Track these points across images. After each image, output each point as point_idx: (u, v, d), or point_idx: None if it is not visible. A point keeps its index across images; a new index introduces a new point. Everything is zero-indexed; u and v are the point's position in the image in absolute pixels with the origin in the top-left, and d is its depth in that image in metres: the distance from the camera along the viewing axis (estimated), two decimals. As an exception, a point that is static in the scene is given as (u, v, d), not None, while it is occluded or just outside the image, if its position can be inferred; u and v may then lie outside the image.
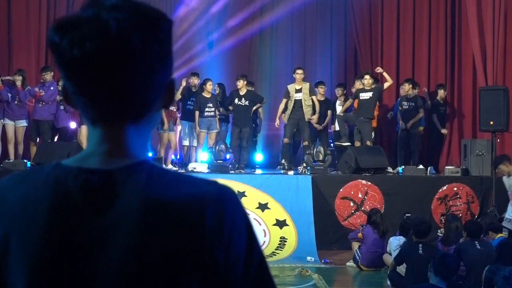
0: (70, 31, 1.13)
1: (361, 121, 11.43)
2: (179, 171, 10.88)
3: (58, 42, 1.13)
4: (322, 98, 12.31)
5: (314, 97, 11.65)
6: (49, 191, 1.14)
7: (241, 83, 11.73)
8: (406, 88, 11.99)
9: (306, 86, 11.62)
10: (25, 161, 10.99)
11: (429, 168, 11.28)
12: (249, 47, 15.14)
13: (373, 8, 14.05)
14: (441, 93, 12.35)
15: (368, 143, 11.34)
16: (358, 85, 11.95)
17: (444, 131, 12.15)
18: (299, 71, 11.59)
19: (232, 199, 1.17)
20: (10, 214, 1.15)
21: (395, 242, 7.95)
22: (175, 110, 11.83)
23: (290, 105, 11.50)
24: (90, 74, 1.13)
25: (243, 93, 11.72)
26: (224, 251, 1.13)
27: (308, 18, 15.17)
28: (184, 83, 11.98)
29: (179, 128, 12.28)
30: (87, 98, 1.16)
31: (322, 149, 11.00)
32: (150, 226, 1.10)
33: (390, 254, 7.96)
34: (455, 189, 10.44)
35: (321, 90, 12.30)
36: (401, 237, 7.92)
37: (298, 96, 11.49)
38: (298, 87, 11.55)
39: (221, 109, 12.10)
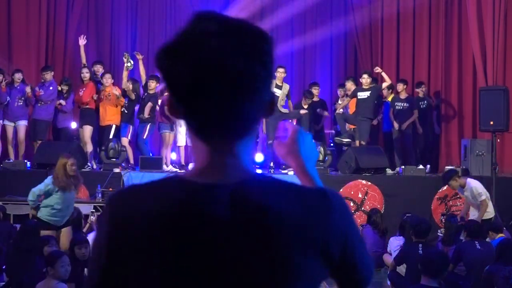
0: (180, 57, 1.21)
1: (359, 120, 11.44)
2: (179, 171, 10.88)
3: (168, 67, 1.22)
4: (317, 99, 12.35)
5: (290, 102, 11.77)
6: (181, 205, 1.22)
7: None
8: (399, 89, 11.97)
9: (286, 86, 11.63)
10: (26, 161, 10.98)
11: (427, 166, 11.29)
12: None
13: (373, 8, 14.04)
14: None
15: (363, 142, 11.35)
16: (349, 85, 11.97)
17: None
18: (281, 70, 11.59)
19: (344, 205, 1.31)
20: (142, 226, 1.22)
21: (395, 242, 7.95)
22: None
23: None
24: (201, 96, 1.21)
25: None
26: (340, 248, 1.27)
27: (308, 18, 15.17)
28: None
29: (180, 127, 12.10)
30: (197, 117, 1.24)
31: (322, 149, 11.00)
32: (279, 238, 1.21)
33: (390, 254, 7.96)
34: (455, 189, 10.44)
35: (315, 91, 12.34)
36: (401, 237, 7.92)
37: (277, 92, 11.42)
38: (279, 84, 11.55)
39: None
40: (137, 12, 14.59)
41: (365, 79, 11.48)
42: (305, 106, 12.31)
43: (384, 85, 11.60)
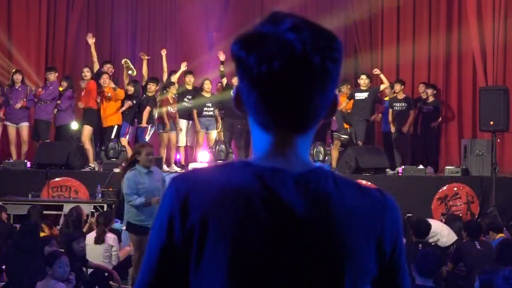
0: (257, 48, 1.24)
1: (356, 120, 11.45)
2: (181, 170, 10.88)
3: (244, 57, 1.25)
4: None
5: None
6: (249, 187, 1.24)
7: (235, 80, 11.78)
8: (397, 89, 11.94)
9: None
10: (26, 161, 10.98)
11: (429, 168, 11.29)
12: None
13: (373, 8, 14.04)
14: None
15: (359, 143, 11.36)
16: (345, 90, 12.06)
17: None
18: None
19: (397, 207, 1.36)
20: (209, 201, 1.23)
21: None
22: (174, 111, 11.70)
23: None
24: (274, 87, 1.24)
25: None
26: (391, 247, 1.31)
27: (308, 18, 15.15)
28: (183, 67, 11.96)
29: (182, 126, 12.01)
30: (267, 107, 1.26)
31: (322, 149, 11.00)
32: (346, 228, 1.26)
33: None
34: (455, 189, 10.44)
35: None
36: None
37: None
38: None
39: (222, 111, 12.02)
40: (137, 12, 14.59)
41: (363, 80, 11.51)
42: None
43: (382, 86, 11.61)
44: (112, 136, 11.30)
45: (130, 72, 11.68)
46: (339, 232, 1.25)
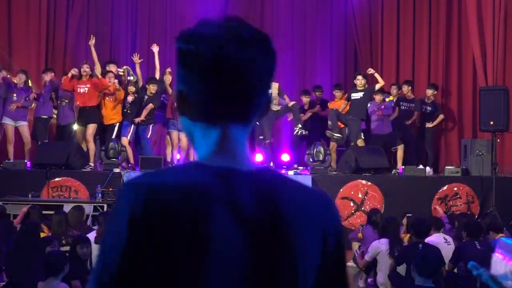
0: (205, 38, 1.28)
1: (351, 120, 11.47)
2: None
3: (194, 49, 1.28)
4: (318, 101, 12.48)
5: (286, 97, 11.83)
6: (202, 187, 1.25)
7: None
8: (404, 90, 12.01)
9: (275, 85, 11.63)
10: (26, 161, 10.98)
11: (427, 168, 11.29)
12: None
13: (373, 8, 14.04)
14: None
15: (353, 143, 11.37)
16: (338, 94, 12.21)
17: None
18: None
19: (335, 206, 1.40)
20: (166, 202, 1.24)
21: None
22: None
23: None
24: (222, 75, 1.28)
25: None
26: (335, 242, 1.36)
27: (308, 18, 15.17)
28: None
29: None
30: (216, 94, 1.29)
31: (322, 149, 11.00)
32: (293, 224, 1.28)
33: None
34: (455, 189, 10.44)
35: (318, 94, 12.50)
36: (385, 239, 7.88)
37: None
38: None
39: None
40: (137, 12, 14.59)
41: (360, 80, 11.55)
42: (306, 107, 12.39)
43: (378, 86, 11.61)
44: (114, 135, 11.31)
45: (131, 78, 11.69)
46: (290, 231, 1.28)
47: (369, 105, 11.68)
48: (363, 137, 11.77)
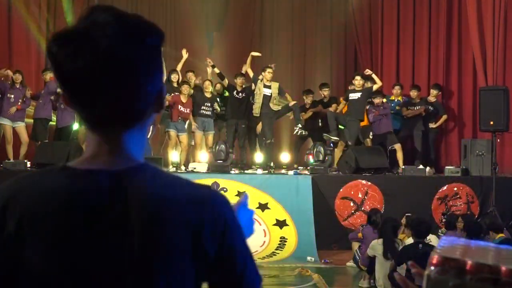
0: (65, 45, 1.23)
1: (349, 120, 11.49)
2: (178, 171, 10.87)
3: (55, 53, 1.24)
4: (327, 100, 12.50)
5: (288, 96, 11.82)
6: (61, 190, 1.24)
7: (239, 81, 11.81)
8: (414, 95, 12.11)
9: (275, 85, 11.66)
10: (26, 161, 10.97)
11: (428, 168, 11.29)
12: (249, 47, 15.16)
13: (373, 8, 14.05)
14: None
15: (350, 143, 11.39)
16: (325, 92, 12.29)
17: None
18: (268, 70, 11.65)
19: (224, 202, 1.32)
20: (25, 206, 1.24)
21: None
22: (188, 111, 11.60)
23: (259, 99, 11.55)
24: (82, 85, 1.24)
25: (240, 89, 11.80)
26: (217, 246, 1.28)
27: (308, 18, 15.17)
28: (185, 54, 12.00)
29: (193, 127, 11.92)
30: (82, 107, 1.27)
31: (322, 149, 11.00)
32: (154, 221, 1.24)
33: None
34: (455, 189, 10.44)
35: (325, 92, 12.50)
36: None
37: (267, 92, 11.55)
38: (267, 84, 11.61)
39: (219, 109, 12.01)
40: (136, 12, 14.59)
41: (358, 81, 11.59)
42: (308, 106, 12.41)
43: (375, 87, 11.61)
44: None
45: None
46: (146, 228, 1.23)
47: (367, 107, 11.75)
48: (371, 137, 11.85)
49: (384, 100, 11.88)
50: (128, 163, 1.28)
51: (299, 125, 11.61)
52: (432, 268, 1.23)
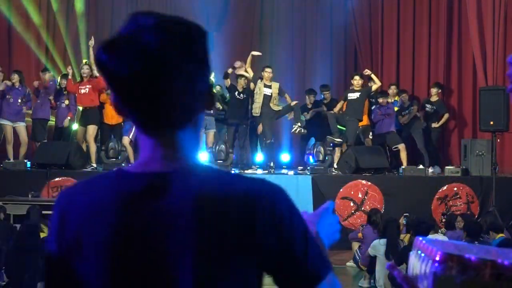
0: (114, 52, 1.26)
1: (348, 120, 11.48)
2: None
3: (105, 61, 1.26)
4: (327, 101, 12.50)
5: (287, 96, 11.82)
6: (116, 194, 1.27)
7: (241, 82, 11.82)
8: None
9: (275, 85, 11.64)
10: (26, 161, 10.97)
11: (430, 169, 11.30)
12: (248, 47, 15.15)
13: (373, 8, 14.05)
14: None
15: (350, 143, 11.38)
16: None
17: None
18: (268, 70, 11.64)
19: (279, 194, 1.32)
20: (81, 216, 1.28)
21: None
22: None
23: (260, 99, 11.54)
24: (136, 91, 1.26)
25: (241, 90, 11.79)
26: (275, 239, 1.27)
27: (308, 18, 15.17)
28: None
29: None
30: (136, 112, 1.29)
31: (322, 149, 11.00)
32: (205, 219, 1.24)
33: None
34: (455, 189, 10.44)
35: (326, 94, 12.52)
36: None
37: (267, 91, 11.55)
38: (267, 83, 11.61)
39: (219, 107, 12.01)
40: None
41: (357, 81, 11.55)
42: (309, 106, 12.41)
43: (374, 87, 11.61)
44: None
45: None
46: (196, 228, 1.24)
47: (372, 108, 11.76)
48: (370, 137, 11.85)
49: (389, 100, 11.87)
50: (183, 163, 1.30)
51: (298, 123, 11.60)
52: (436, 265, 1.23)
